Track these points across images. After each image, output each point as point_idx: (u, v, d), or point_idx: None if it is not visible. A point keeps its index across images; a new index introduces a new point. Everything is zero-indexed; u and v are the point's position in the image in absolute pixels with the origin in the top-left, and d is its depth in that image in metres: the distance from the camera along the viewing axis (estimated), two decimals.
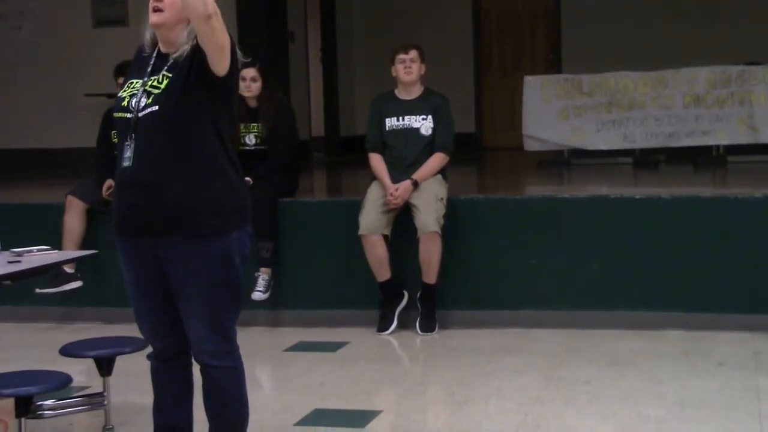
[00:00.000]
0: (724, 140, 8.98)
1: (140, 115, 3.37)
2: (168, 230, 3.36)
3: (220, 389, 3.52)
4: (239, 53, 3.45)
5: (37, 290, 6.54)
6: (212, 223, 3.37)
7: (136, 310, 3.58)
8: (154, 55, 3.48)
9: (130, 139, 3.37)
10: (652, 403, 4.67)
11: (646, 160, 9.23)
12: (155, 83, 3.39)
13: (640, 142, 9.15)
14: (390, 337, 6.19)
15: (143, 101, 3.38)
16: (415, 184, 6.22)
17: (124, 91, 3.48)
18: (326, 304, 6.52)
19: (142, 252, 3.44)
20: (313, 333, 6.27)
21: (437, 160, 6.35)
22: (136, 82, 3.46)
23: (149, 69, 3.45)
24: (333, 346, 5.95)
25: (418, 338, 6.16)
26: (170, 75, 3.38)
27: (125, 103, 3.43)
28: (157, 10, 3.38)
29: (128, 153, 3.37)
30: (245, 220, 3.49)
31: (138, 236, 3.43)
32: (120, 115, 3.44)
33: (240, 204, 3.46)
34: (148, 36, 3.50)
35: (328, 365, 5.61)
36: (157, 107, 3.35)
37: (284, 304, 6.56)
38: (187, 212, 3.35)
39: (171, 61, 3.40)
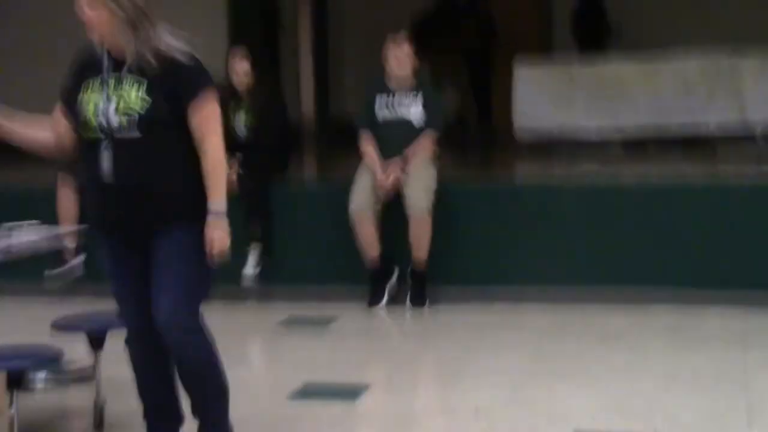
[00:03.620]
0: (714, 125, 8.98)
1: (117, 136, 3.41)
2: (155, 227, 3.48)
3: (193, 362, 3.56)
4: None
5: (47, 273, 6.55)
6: (194, 211, 3.48)
7: (118, 293, 3.64)
8: (106, 60, 3.48)
9: (104, 149, 3.43)
10: (641, 377, 4.71)
11: (636, 143, 9.23)
12: (129, 103, 3.40)
13: (631, 126, 9.15)
14: (380, 312, 6.21)
15: (115, 121, 3.41)
16: (406, 165, 6.24)
17: (83, 97, 3.46)
18: (317, 279, 6.54)
19: (127, 246, 3.55)
20: (303, 308, 6.28)
21: (426, 138, 6.37)
22: (95, 92, 3.45)
23: (106, 75, 3.45)
24: (324, 321, 5.98)
25: (408, 313, 6.19)
26: (147, 98, 3.40)
27: (91, 121, 3.44)
28: (85, 25, 3.44)
29: (106, 163, 3.42)
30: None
31: (125, 235, 3.54)
32: (87, 134, 3.46)
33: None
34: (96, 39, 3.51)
35: (319, 340, 5.64)
36: (139, 134, 3.40)
37: (275, 279, 6.57)
38: (173, 210, 3.48)
39: (133, 71, 3.42)
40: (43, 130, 3.64)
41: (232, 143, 6.53)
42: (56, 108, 3.61)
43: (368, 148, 6.39)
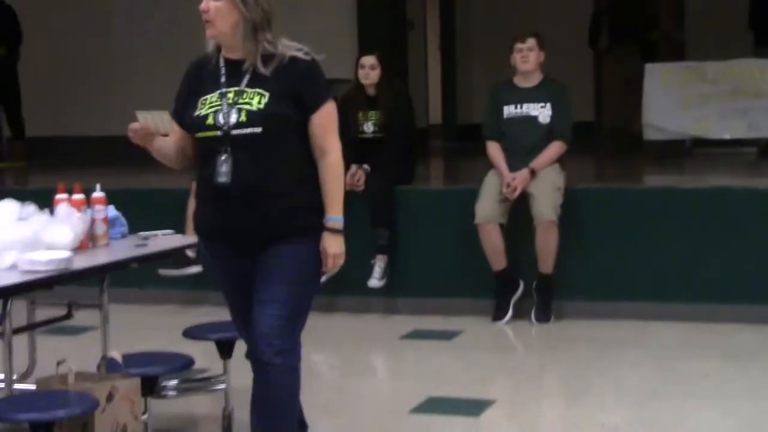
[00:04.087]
0: None
1: (234, 132, 3.33)
2: (270, 240, 3.38)
3: (276, 387, 3.37)
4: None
5: (160, 271, 6.72)
6: (308, 225, 3.40)
7: (232, 309, 3.59)
8: (222, 64, 3.43)
9: (224, 154, 3.33)
10: None
11: None
12: (247, 99, 3.34)
13: (766, 131, 8.90)
14: (505, 327, 6.18)
15: (234, 118, 3.33)
16: (533, 173, 6.18)
17: (202, 108, 3.40)
18: (441, 293, 6.53)
19: (239, 258, 3.44)
20: (428, 321, 6.29)
21: (555, 148, 6.30)
22: (213, 96, 3.39)
23: (223, 80, 3.39)
24: (448, 335, 5.97)
25: (533, 328, 6.13)
26: (265, 93, 3.34)
27: (210, 121, 3.36)
28: (207, 21, 3.36)
29: (224, 168, 3.32)
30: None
31: (238, 246, 3.43)
32: (205, 134, 3.38)
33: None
34: (211, 46, 3.45)
35: (443, 354, 5.64)
36: (260, 129, 3.32)
37: (400, 291, 6.59)
38: (289, 223, 3.37)
39: (252, 70, 3.36)
40: (171, 139, 3.54)
41: (360, 149, 6.65)
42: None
43: (495, 154, 6.35)
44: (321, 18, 10.32)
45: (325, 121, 3.40)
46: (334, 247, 3.39)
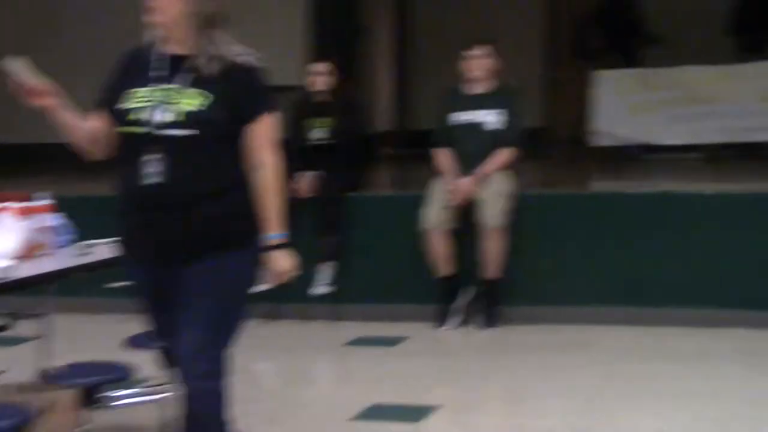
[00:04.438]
0: None
1: (166, 132, 3.09)
2: (198, 250, 3.14)
3: (202, 413, 3.19)
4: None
5: (106, 285, 6.66)
6: (240, 236, 3.18)
7: (155, 323, 3.35)
8: (159, 57, 3.18)
9: (152, 153, 3.10)
10: (714, 402, 4.63)
11: (717, 156, 9.10)
12: (186, 98, 3.11)
13: (712, 137, 9.03)
14: (450, 332, 6.20)
15: (167, 116, 3.10)
16: (480, 179, 6.22)
17: (129, 101, 3.15)
18: (387, 299, 6.55)
19: (162, 268, 3.20)
20: (373, 327, 6.30)
21: (504, 154, 6.34)
22: (144, 90, 3.14)
23: (159, 74, 3.16)
24: (393, 341, 5.99)
25: (478, 334, 6.16)
26: (209, 95, 3.11)
27: (138, 116, 3.12)
28: (151, 8, 3.13)
29: (152, 169, 3.08)
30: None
31: (162, 255, 3.18)
32: (129, 130, 3.13)
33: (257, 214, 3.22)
34: (149, 36, 3.21)
35: (388, 360, 5.65)
36: (197, 132, 3.10)
37: (345, 298, 6.60)
38: (220, 232, 3.14)
39: (197, 68, 3.14)
40: (87, 122, 3.24)
41: (310, 156, 6.65)
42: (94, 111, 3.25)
43: (443, 161, 6.38)
44: (273, 24, 10.33)
45: (262, 133, 3.19)
46: (281, 263, 3.21)
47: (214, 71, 3.13)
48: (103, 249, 4.37)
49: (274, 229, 3.19)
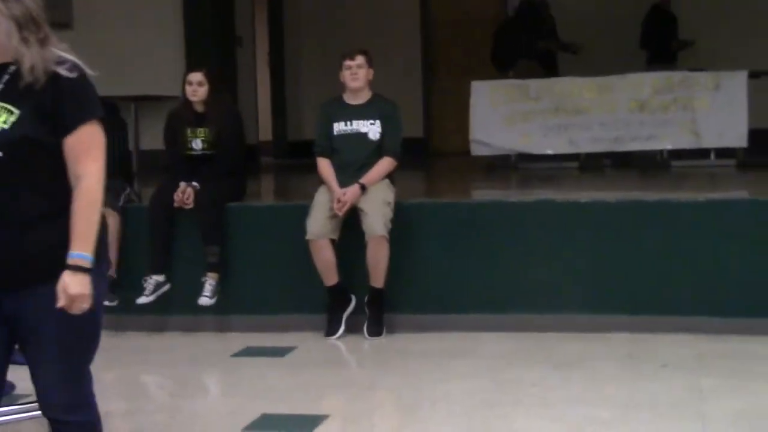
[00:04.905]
0: (667, 145, 9.12)
1: None
2: (27, 279, 2.88)
3: None
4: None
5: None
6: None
7: None
8: None
9: None
10: (599, 405, 4.72)
11: (592, 165, 9.34)
12: None
13: (586, 147, 9.27)
14: (338, 342, 6.19)
15: None
16: (363, 189, 6.23)
17: None
18: (274, 309, 6.49)
19: None
20: (261, 338, 6.24)
21: (385, 164, 6.37)
22: None
23: None
24: (281, 351, 5.94)
25: (365, 342, 6.17)
26: (14, 111, 2.83)
27: None
28: None
29: None
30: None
31: None
32: None
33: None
34: None
35: (276, 370, 5.60)
36: (1, 154, 2.81)
37: (232, 308, 6.53)
38: (50, 256, 2.85)
39: (8, 80, 2.85)
40: None
41: (189, 166, 6.57)
42: None
43: (325, 170, 6.37)
44: (148, 33, 10.15)
45: (79, 144, 2.86)
46: (74, 287, 2.80)
47: (31, 81, 2.83)
48: None
49: (77, 248, 2.83)
